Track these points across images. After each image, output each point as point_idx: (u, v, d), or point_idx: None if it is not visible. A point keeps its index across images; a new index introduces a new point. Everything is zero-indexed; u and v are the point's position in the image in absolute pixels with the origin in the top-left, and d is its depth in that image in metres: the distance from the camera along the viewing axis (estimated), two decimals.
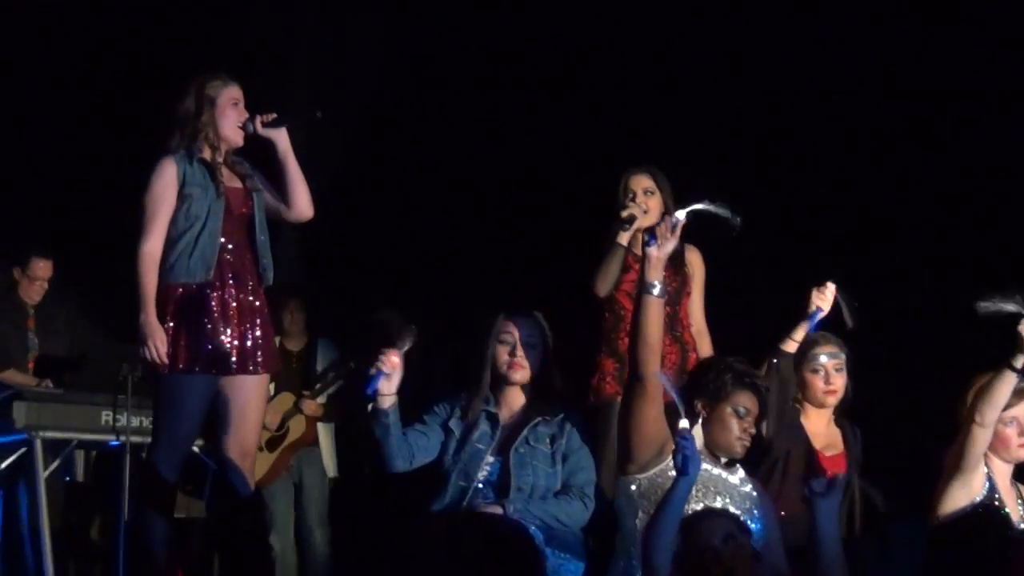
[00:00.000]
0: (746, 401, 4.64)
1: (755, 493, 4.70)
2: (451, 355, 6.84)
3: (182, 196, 5.25)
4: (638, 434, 4.51)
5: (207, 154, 5.32)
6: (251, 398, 5.35)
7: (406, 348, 4.82)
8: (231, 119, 5.36)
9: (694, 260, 6.07)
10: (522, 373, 5.01)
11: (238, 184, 5.39)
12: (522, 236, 7.93)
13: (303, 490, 7.50)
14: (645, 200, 5.94)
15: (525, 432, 4.94)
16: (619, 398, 5.52)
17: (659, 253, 4.50)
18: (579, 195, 6.95)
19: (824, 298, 5.20)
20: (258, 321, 5.34)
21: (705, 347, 6.03)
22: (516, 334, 5.02)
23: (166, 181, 5.25)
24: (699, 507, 4.43)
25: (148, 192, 5.25)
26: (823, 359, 5.22)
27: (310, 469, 7.52)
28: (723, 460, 4.67)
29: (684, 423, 4.18)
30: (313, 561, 7.44)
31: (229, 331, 5.25)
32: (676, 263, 6.00)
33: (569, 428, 4.98)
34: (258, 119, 5.36)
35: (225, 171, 5.36)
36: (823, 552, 4.29)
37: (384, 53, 8.99)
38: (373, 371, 4.78)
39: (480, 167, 8.30)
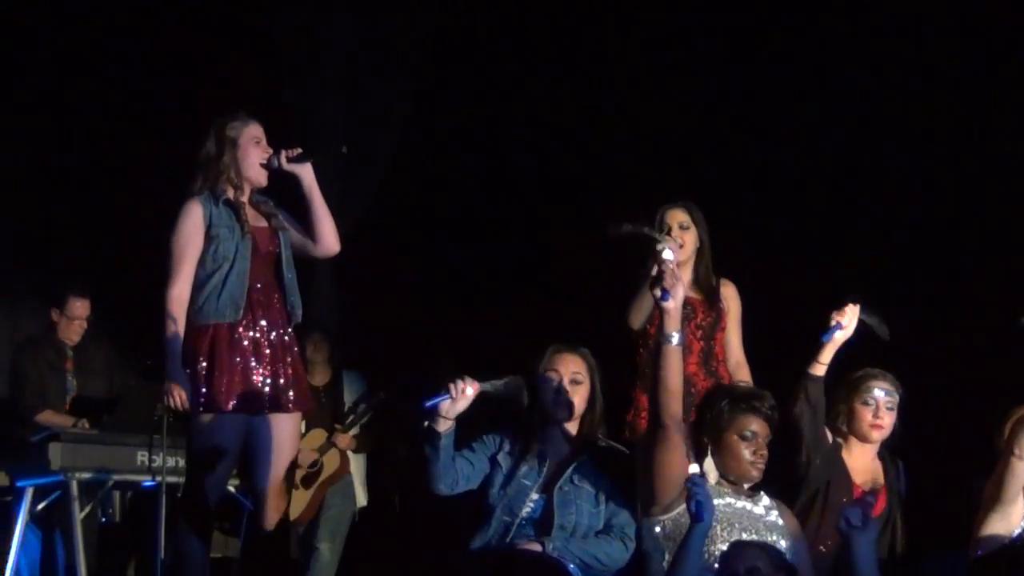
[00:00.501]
0: (750, 424, 4.62)
1: (781, 521, 4.66)
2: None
3: (209, 238, 5.27)
4: (661, 478, 4.50)
5: (231, 194, 5.34)
6: (284, 436, 5.35)
7: (490, 391, 4.76)
8: (253, 158, 5.37)
9: (729, 293, 6.07)
10: (567, 412, 4.97)
11: (263, 223, 5.39)
12: (558, 269, 7.92)
13: (321, 509, 7.52)
14: (680, 235, 5.94)
15: (570, 471, 4.90)
16: None
17: (675, 303, 4.48)
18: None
19: (843, 314, 5.12)
20: (289, 359, 5.35)
21: (744, 378, 5.99)
22: (561, 371, 4.98)
23: (193, 223, 5.27)
24: (724, 546, 4.42)
25: (175, 235, 5.27)
26: (877, 393, 5.15)
27: (334, 496, 7.54)
28: (746, 486, 4.64)
29: (694, 468, 4.18)
30: (316, 572, 7.46)
31: (261, 369, 5.26)
32: (710, 298, 6.00)
33: (614, 467, 4.95)
34: (283, 154, 5.37)
35: (250, 211, 5.37)
36: None
37: (417, 88, 9.00)
38: (443, 390, 4.73)
39: (516, 201, 8.31)
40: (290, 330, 5.41)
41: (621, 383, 5.85)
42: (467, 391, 4.71)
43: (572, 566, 4.67)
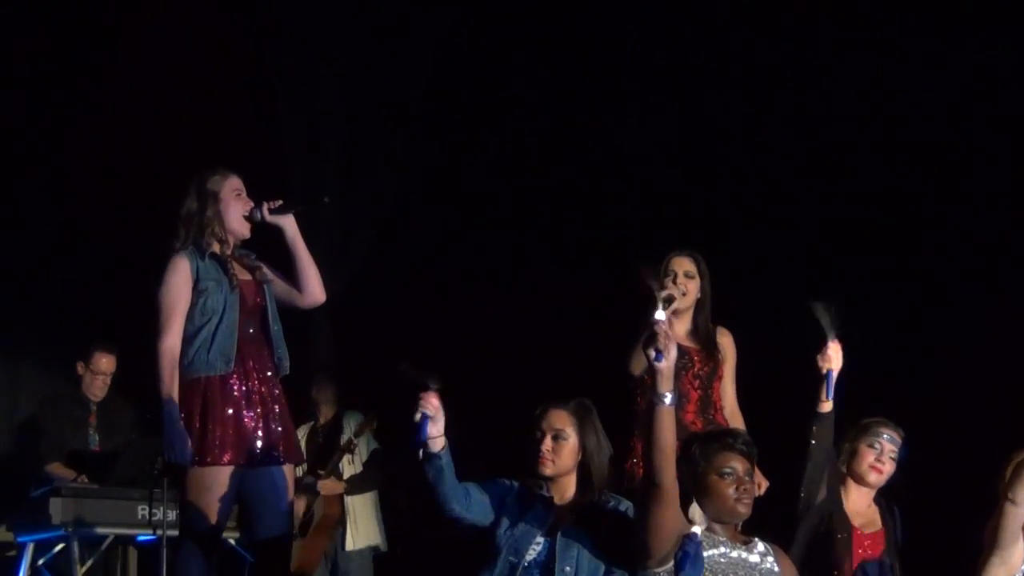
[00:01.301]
0: (727, 462, 4.58)
1: (777, 568, 4.64)
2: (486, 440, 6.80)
3: (197, 291, 5.27)
4: (655, 534, 4.47)
5: (216, 248, 5.35)
6: (279, 487, 5.34)
7: (437, 388, 4.76)
8: (236, 211, 5.39)
9: (725, 342, 6.09)
10: (550, 467, 4.94)
11: (248, 276, 5.41)
12: (558, 317, 7.93)
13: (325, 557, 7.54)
14: (685, 282, 5.97)
15: (573, 519, 4.87)
16: None
17: (668, 364, 4.48)
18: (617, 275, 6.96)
19: (828, 359, 5.13)
20: (278, 411, 5.35)
21: (739, 427, 6.00)
22: (544, 428, 4.96)
23: (181, 278, 5.27)
24: None
25: (163, 290, 5.27)
26: (884, 438, 5.20)
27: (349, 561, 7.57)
28: (738, 529, 4.64)
29: (696, 528, 4.17)
30: None
31: (253, 421, 5.26)
32: (708, 347, 6.01)
33: (616, 516, 4.93)
34: (265, 206, 5.39)
35: (235, 264, 5.39)
36: None
37: (416, 135, 9.05)
38: (418, 417, 4.69)
39: (514, 248, 8.33)
40: (278, 382, 5.41)
41: (620, 431, 5.86)
42: (434, 402, 4.73)
43: None
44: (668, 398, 4.43)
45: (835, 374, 5.06)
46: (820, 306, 5.09)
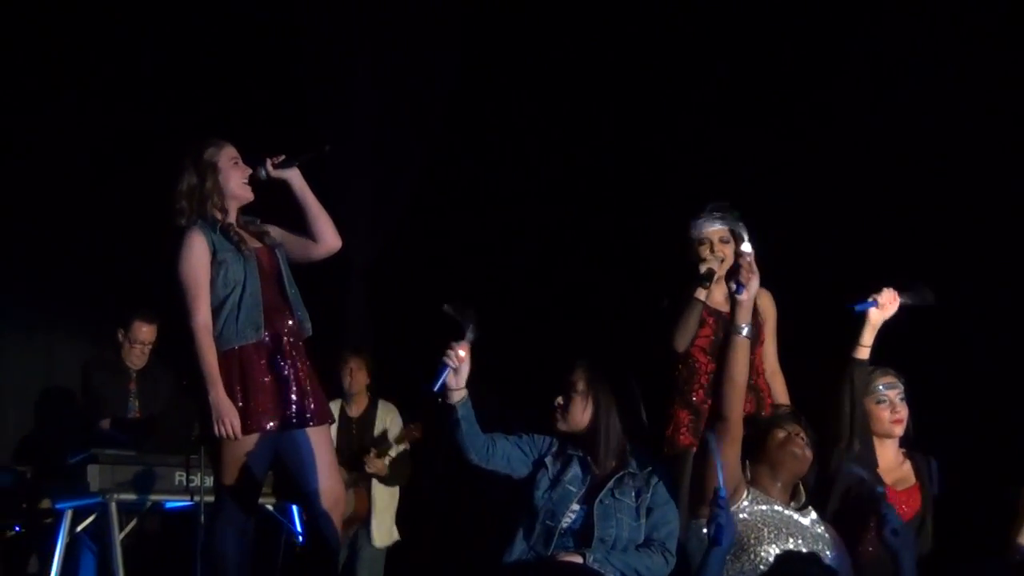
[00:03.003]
0: (787, 425, 4.71)
1: (828, 535, 4.66)
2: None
3: (216, 264, 5.26)
4: (715, 474, 4.46)
5: (220, 219, 5.35)
6: (319, 446, 5.34)
7: (472, 339, 4.77)
8: (236, 178, 5.38)
9: (765, 303, 6.05)
10: (560, 423, 5.00)
11: (258, 243, 5.41)
12: (597, 289, 7.91)
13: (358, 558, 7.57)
14: (721, 248, 5.94)
15: (611, 483, 4.89)
16: (693, 449, 5.57)
17: (748, 296, 4.50)
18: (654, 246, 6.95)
19: (882, 295, 5.11)
20: (304, 374, 5.35)
21: (779, 387, 6.02)
22: (564, 385, 5.01)
23: (199, 252, 5.25)
24: (772, 548, 4.46)
25: (184, 268, 5.25)
26: (884, 389, 5.19)
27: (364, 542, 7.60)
28: (793, 504, 4.65)
29: (723, 491, 4.18)
30: None
31: (284, 387, 5.27)
32: None
33: (655, 482, 4.92)
34: (268, 162, 5.39)
35: (243, 232, 5.39)
36: None
37: (451, 95, 9.01)
38: (440, 366, 4.74)
39: (557, 220, 8.30)
40: (302, 346, 5.41)
41: (660, 399, 5.86)
42: (460, 353, 4.75)
43: None
44: (745, 330, 4.48)
45: (875, 311, 5.05)
46: (909, 295, 5.11)
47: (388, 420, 7.71)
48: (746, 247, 4.54)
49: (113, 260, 8.62)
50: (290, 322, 5.37)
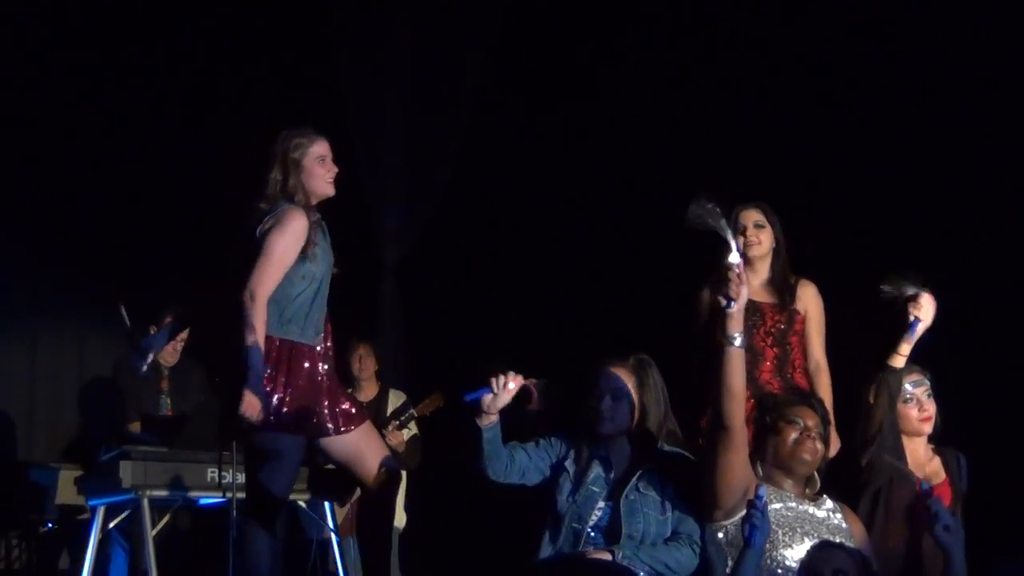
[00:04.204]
0: (797, 412, 4.66)
1: (845, 524, 4.65)
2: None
3: (305, 253, 5.21)
4: (723, 482, 4.50)
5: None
6: (368, 441, 5.41)
7: (539, 395, 4.75)
8: (320, 177, 5.35)
9: (808, 295, 5.99)
10: (607, 425, 4.94)
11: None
12: (630, 276, 7.87)
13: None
14: (756, 233, 5.95)
15: (635, 479, 4.88)
16: None
17: (738, 308, 4.45)
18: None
19: (919, 307, 5.09)
20: (335, 380, 5.39)
21: (823, 384, 5.91)
22: (602, 386, 4.96)
23: (299, 232, 5.19)
24: (787, 552, 4.46)
25: (280, 236, 5.17)
26: (911, 388, 5.16)
27: None
28: (801, 486, 4.63)
29: (762, 490, 4.15)
30: None
31: (328, 394, 5.29)
32: (783, 299, 5.92)
33: (680, 475, 4.90)
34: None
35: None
36: None
37: (483, 92, 8.99)
38: (485, 385, 4.72)
39: (584, 209, 8.27)
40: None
41: (691, 388, 5.82)
42: (510, 385, 4.70)
43: (641, 574, 4.66)
44: (737, 340, 4.44)
45: (920, 325, 5.03)
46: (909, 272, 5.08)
47: (397, 404, 7.73)
48: (734, 258, 4.48)
49: (149, 253, 8.65)
50: (328, 328, 5.37)
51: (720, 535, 4.54)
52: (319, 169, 5.33)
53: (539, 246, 8.42)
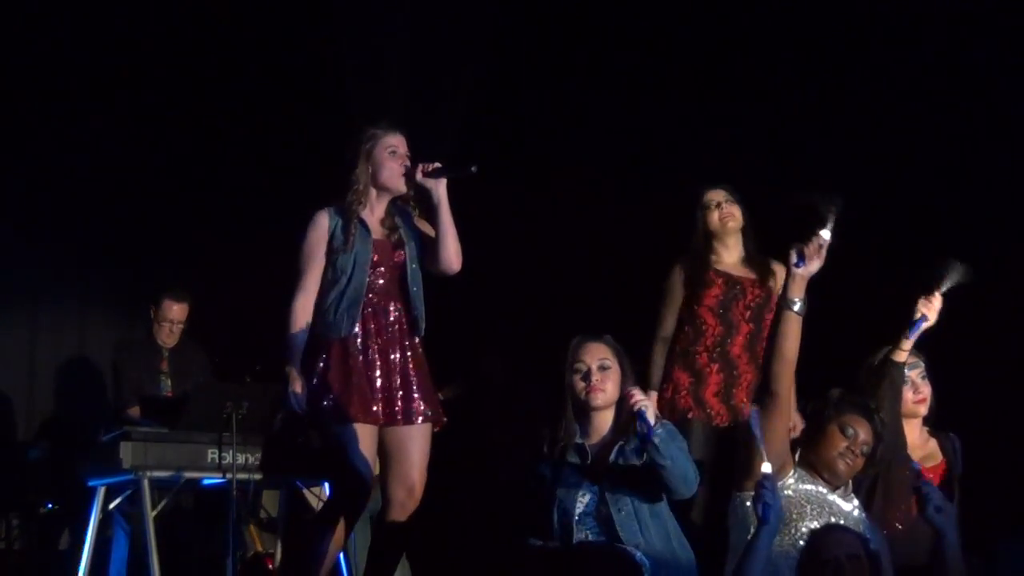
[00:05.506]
0: (854, 422, 4.62)
1: (869, 522, 4.67)
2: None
3: (332, 250, 5.35)
4: (766, 447, 4.47)
5: (359, 207, 5.40)
6: (408, 446, 5.41)
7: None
8: (388, 168, 5.42)
9: (781, 276, 6.01)
10: (602, 396, 5.01)
11: (389, 235, 5.45)
12: (594, 257, 7.90)
13: None
14: (729, 207, 6.10)
15: (613, 455, 4.94)
16: (690, 414, 5.76)
17: (805, 272, 4.50)
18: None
19: (930, 306, 5.13)
20: (411, 372, 5.39)
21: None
22: (588, 360, 5.02)
23: (318, 235, 5.38)
24: (813, 524, 4.48)
25: (303, 245, 5.40)
26: (906, 370, 5.20)
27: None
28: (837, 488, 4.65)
29: (767, 467, 4.19)
30: None
31: (376, 382, 5.32)
32: (763, 275, 6.01)
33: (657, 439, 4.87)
34: (420, 168, 5.38)
35: (375, 223, 5.43)
36: (951, 567, 4.25)
37: (483, 81, 9.01)
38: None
39: (553, 192, 8.29)
40: (415, 343, 5.47)
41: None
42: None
43: (639, 554, 4.70)
44: (797, 305, 4.47)
45: (924, 324, 5.09)
46: (955, 264, 5.11)
47: None
48: (825, 234, 4.52)
49: (149, 236, 8.67)
50: (393, 319, 5.41)
51: (749, 502, 4.53)
52: (389, 161, 5.43)
53: (537, 231, 8.44)
